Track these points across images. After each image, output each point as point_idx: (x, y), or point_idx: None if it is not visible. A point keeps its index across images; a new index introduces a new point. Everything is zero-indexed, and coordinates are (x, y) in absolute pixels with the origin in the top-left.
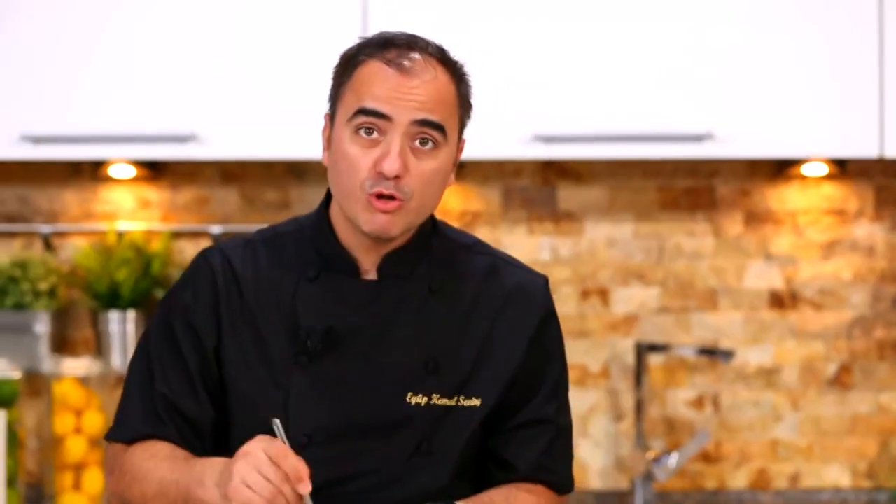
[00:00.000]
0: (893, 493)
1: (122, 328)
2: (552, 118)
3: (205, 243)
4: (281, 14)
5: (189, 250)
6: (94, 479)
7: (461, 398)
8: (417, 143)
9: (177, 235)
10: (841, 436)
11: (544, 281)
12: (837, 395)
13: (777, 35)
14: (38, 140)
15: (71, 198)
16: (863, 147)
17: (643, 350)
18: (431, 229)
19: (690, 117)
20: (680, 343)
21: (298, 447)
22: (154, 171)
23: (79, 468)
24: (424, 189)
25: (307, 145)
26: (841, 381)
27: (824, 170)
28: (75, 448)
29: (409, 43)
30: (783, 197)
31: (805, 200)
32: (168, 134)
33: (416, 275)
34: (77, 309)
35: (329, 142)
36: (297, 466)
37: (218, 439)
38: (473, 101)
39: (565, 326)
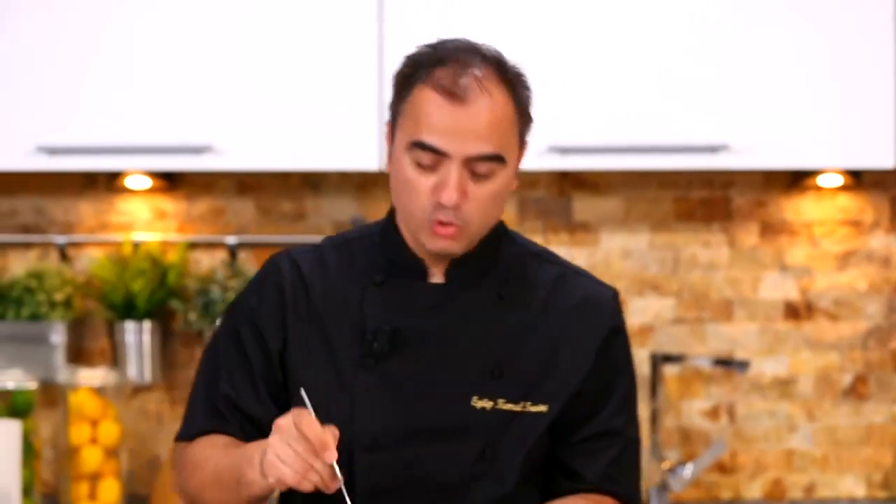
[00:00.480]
0: None
1: (138, 338)
2: (568, 129)
3: (220, 254)
4: (296, 25)
5: (205, 261)
6: (109, 489)
7: (527, 404)
8: (475, 170)
9: (192, 246)
10: (856, 446)
11: (613, 293)
12: (852, 405)
13: (792, 46)
14: (53, 151)
15: (86, 209)
16: (878, 158)
17: (658, 360)
18: (501, 234)
19: (706, 128)
20: (695, 354)
21: (363, 450)
22: (170, 182)
23: (94, 478)
24: (484, 211)
25: (323, 156)
26: (856, 391)
27: (839, 181)
28: (91, 458)
29: (463, 59)
30: (798, 208)
31: (820, 211)
32: (184, 145)
33: (485, 280)
34: (93, 319)
35: (390, 154)
36: (322, 435)
37: None
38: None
39: None
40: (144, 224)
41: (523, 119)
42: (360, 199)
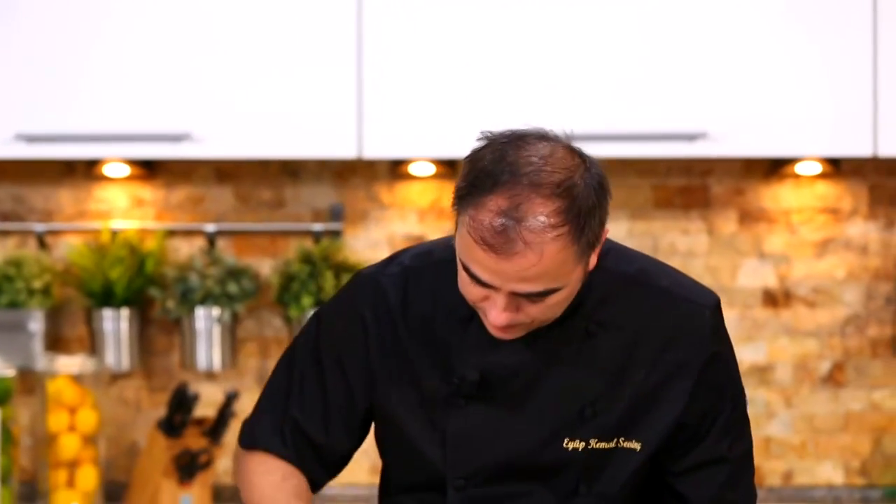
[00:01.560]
0: (886, 490)
1: (116, 326)
2: (545, 118)
3: (199, 242)
4: (275, 14)
5: (183, 249)
6: (87, 477)
7: (621, 440)
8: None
9: (171, 234)
10: (834, 433)
11: (712, 309)
12: (831, 392)
13: (771, 35)
14: (32, 139)
15: (65, 196)
16: (856, 146)
17: None
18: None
19: (684, 116)
20: None
21: (455, 489)
22: (148, 169)
23: (72, 465)
24: (544, 316)
25: (301, 144)
26: (834, 378)
27: (818, 169)
28: (69, 445)
29: (517, 195)
30: (777, 196)
31: (799, 199)
32: (162, 133)
33: (573, 315)
34: (71, 307)
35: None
36: None
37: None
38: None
39: None
40: (123, 212)
41: (589, 243)
42: (339, 187)
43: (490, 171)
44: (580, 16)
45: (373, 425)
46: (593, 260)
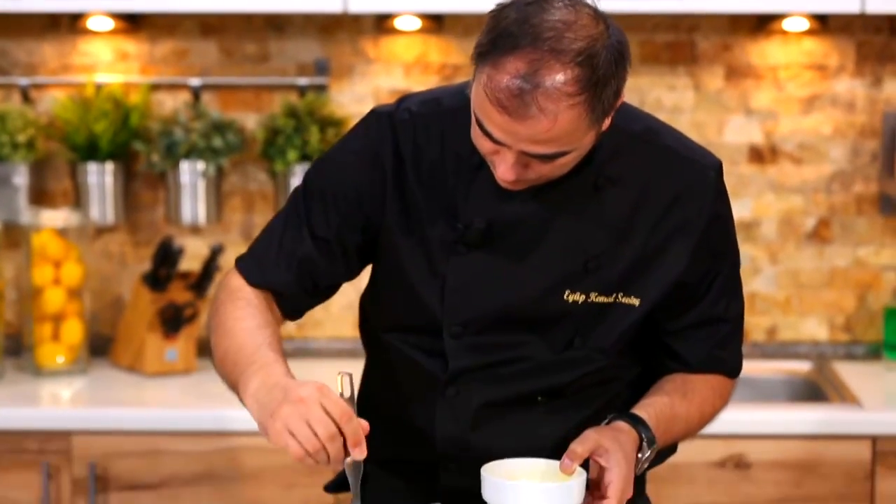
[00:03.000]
0: (870, 346)
1: (101, 180)
2: None
3: (183, 96)
4: None
5: (168, 103)
6: (72, 330)
7: (620, 295)
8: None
9: (155, 88)
10: (819, 289)
11: (715, 171)
12: (816, 248)
13: None
14: None
15: (49, 50)
16: (844, 2)
17: None
18: None
19: None
20: None
21: (452, 336)
22: (132, 23)
23: (57, 319)
24: (554, 172)
25: None
26: (819, 235)
27: (805, 25)
28: (54, 299)
29: (537, 59)
30: (764, 52)
31: (786, 55)
32: None
33: (582, 169)
34: (55, 161)
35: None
36: (358, 429)
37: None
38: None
39: None
40: (107, 65)
41: (604, 111)
42: (324, 42)
43: (511, 32)
44: None
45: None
46: (606, 123)
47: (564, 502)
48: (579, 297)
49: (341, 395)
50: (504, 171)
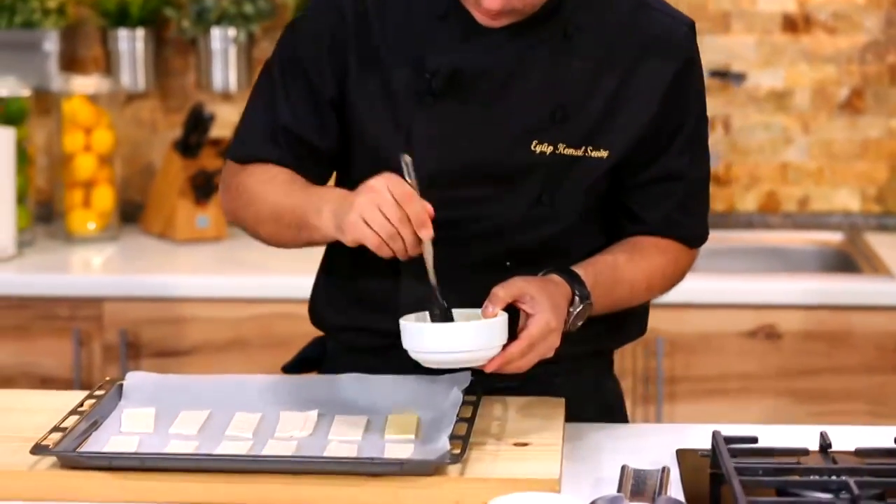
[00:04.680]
0: None
1: (132, 46)
2: None
3: None
4: None
5: None
6: (103, 197)
7: (589, 148)
8: None
9: None
10: (851, 160)
11: (688, 27)
12: (848, 119)
13: None
14: None
15: None
16: None
17: None
18: None
19: None
20: None
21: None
22: None
23: (88, 185)
24: (535, 3)
25: None
26: (852, 105)
27: None
28: (85, 165)
29: None
30: None
31: None
32: None
33: (552, 17)
34: (86, 27)
35: None
36: (422, 210)
37: (339, 175)
38: None
39: None
40: None
41: None
42: None
43: None
44: None
45: None
46: None
47: (483, 342)
48: (547, 149)
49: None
50: (490, 1)
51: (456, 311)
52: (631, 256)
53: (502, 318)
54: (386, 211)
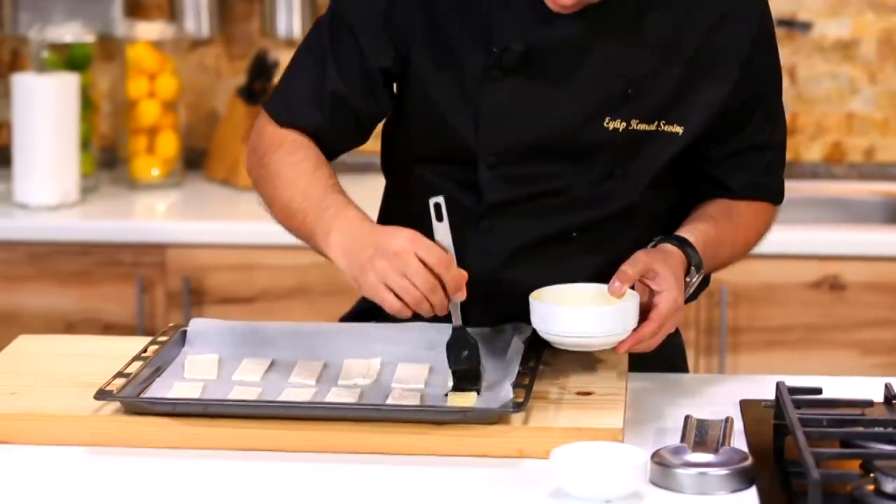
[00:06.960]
0: None
1: None
2: None
3: None
4: None
5: None
6: (167, 143)
7: (662, 123)
8: None
9: None
10: None
11: None
12: None
13: None
14: None
15: None
16: None
17: None
18: None
19: None
20: None
21: (487, 166)
22: None
23: (152, 132)
24: None
25: None
26: None
27: None
28: (149, 112)
29: None
30: None
31: None
32: None
33: None
34: None
35: None
36: (460, 277)
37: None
38: None
39: None
40: None
41: None
42: None
43: None
44: None
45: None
46: None
47: (619, 326)
48: (620, 125)
49: (434, 229)
50: None
51: (580, 286)
52: (729, 218)
53: (635, 302)
54: (415, 280)
